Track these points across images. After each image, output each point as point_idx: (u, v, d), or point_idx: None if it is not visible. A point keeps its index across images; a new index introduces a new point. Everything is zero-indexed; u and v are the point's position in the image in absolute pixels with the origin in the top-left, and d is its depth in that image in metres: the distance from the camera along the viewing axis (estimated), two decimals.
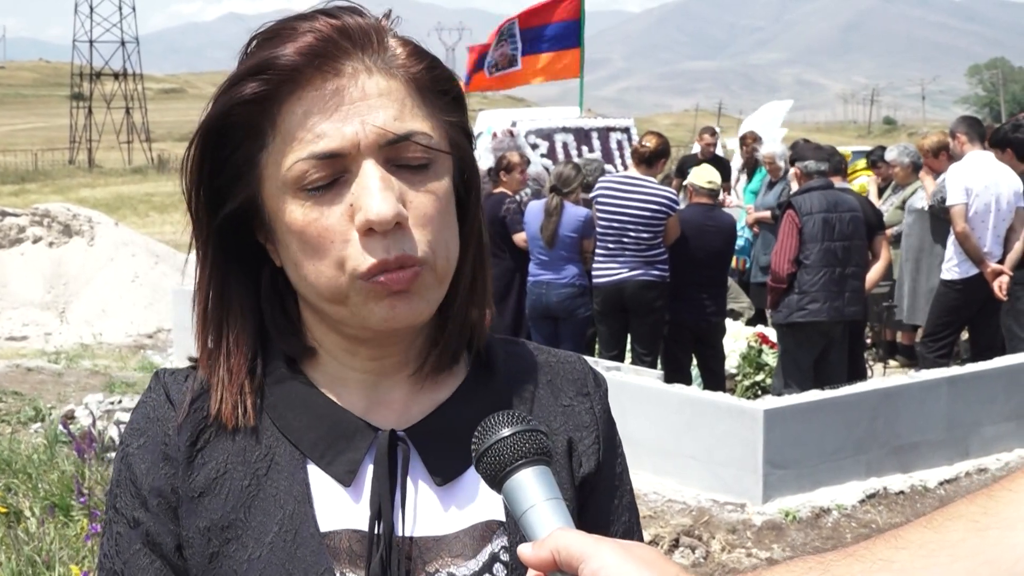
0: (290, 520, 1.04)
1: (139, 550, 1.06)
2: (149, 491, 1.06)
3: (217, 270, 1.09)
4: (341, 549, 1.04)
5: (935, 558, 0.76)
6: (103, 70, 62.04)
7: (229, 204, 1.06)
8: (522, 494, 0.92)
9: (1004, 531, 0.74)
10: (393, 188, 1.00)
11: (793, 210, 6.68)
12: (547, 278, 7.42)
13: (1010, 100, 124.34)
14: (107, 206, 23.57)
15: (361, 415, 1.08)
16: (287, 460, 1.06)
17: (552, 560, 0.86)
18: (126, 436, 1.10)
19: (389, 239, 0.99)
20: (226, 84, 1.03)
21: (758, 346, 7.99)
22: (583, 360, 1.24)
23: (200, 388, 1.09)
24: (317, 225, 1.00)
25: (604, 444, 1.19)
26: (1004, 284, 7.18)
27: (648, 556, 0.85)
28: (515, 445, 0.93)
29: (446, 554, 1.06)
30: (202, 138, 1.04)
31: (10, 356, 9.51)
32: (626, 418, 6.03)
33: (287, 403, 1.08)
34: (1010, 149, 7.56)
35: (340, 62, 1.01)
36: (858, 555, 0.79)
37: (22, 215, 13.12)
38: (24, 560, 4.14)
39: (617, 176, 7.78)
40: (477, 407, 1.09)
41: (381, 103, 1.01)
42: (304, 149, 1.00)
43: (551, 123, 10.57)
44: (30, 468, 5.23)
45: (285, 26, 1.03)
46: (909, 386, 6.12)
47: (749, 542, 5.23)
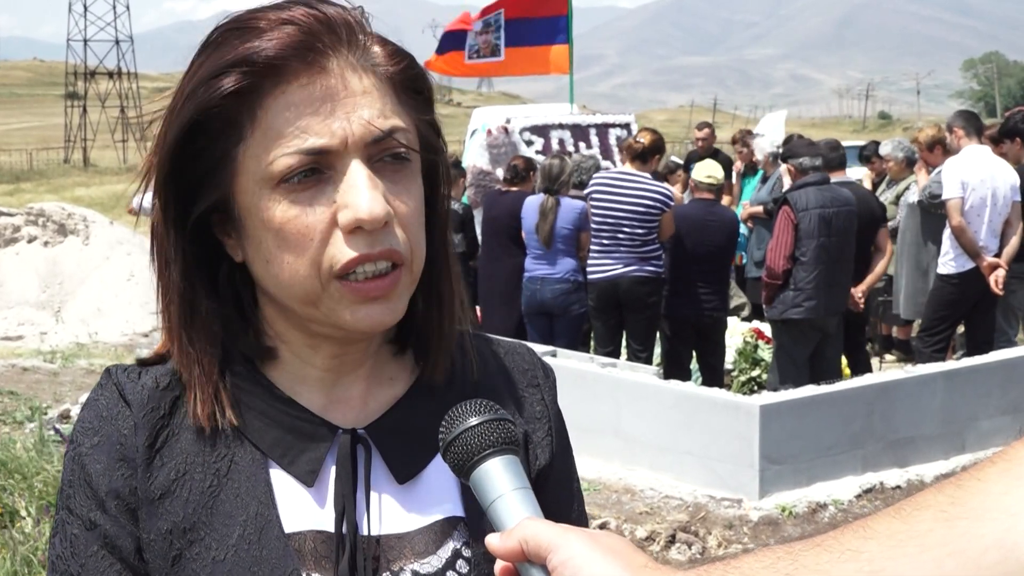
0: (254, 521, 1.03)
1: (96, 552, 1.03)
2: (107, 493, 1.03)
3: (184, 268, 1.06)
4: (306, 550, 1.03)
5: (903, 548, 0.75)
6: (97, 69, 61.95)
7: (202, 200, 1.03)
8: (490, 483, 0.92)
9: (972, 522, 0.74)
10: (379, 188, 0.99)
11: (789, 206, 6.67)
12: (542, 274, 7.42)
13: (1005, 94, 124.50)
14: (102, 205, 23.54)
15: (320, 413, 1.07)
16: (248, 461, 1.05)
17: (520, 550, 0.86)
18: (77, 434, 1.07)
19: (375, 236, 0.99)
20: (205, 75, 1.00)
21: (754, 342, 8.00)
22: (532, 351, 1.25)
23: (155, 386, 1.07)
24: (297, 222, 0.99)
25: (556, 436, 1.20)
26: (1000, 278, 7.18)
27: (616, 545, 0.85)
28: (483, 434, 0.93)
29: (409, 552, 1.06)
30: (178, 131, 1.01)
31: (6, 356, 9.49)
32: (622, 414, 6.04)
33: (246, 403, 1.07)
34: (1019, 139, 7.62)
35: (326, 57, 0.99)
36: (826, 545, 0.79)
37: (17, 214, 13.10)
38: (20, 560, 4.13)
39: (611, 172, 7.78)
40: (434, 401, 1.10)
41: (365, 101, 1.00)
42: (289, 144, 0.98)
43: (547, 119, 10.56)
44: (25, 468, 5.22)
45: (259, 15, 1.01)
46: (905, 381, 6.13)
47: (746, 537, 5.23)
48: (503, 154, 9.79)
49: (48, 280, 12.42)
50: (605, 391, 6.07)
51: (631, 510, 5.49)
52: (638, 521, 5.35)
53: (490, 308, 7.98)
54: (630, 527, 5.26)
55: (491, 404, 0.96)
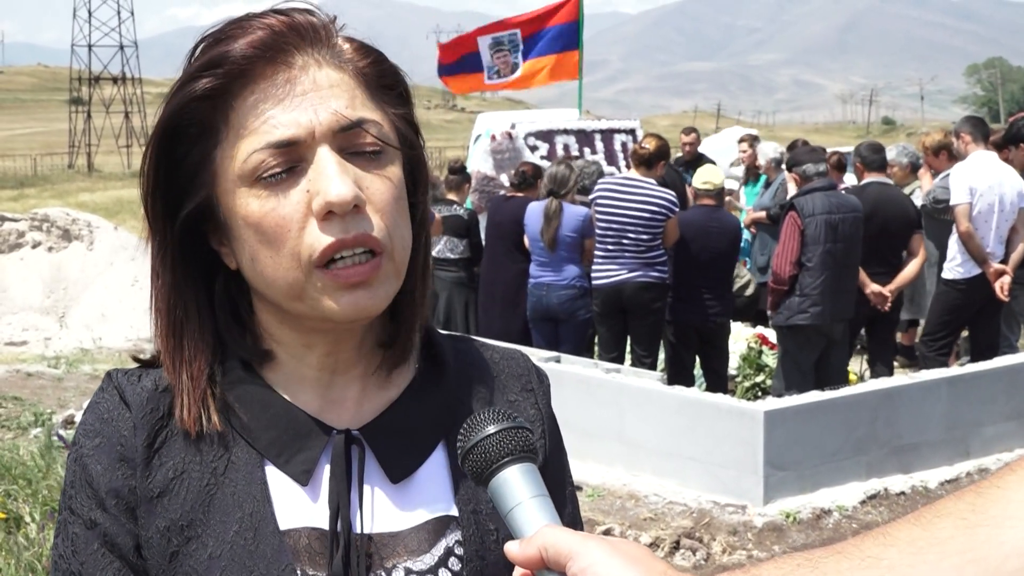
0: (250, 519, 1.05)
1: (97, 550, 1.06)
2: (107, 492, 1.06)
3: (175, 275, 1.09)
4: (300, 547, 1.05)
5: (923, 555, 0.76)
6: (102, 74, 62.03)
7: (187, 204, 1.06)
8: (508, 491, 0.92)
9: (992, 529, 0.74)
10: (349, 172, 1.01)
11: (795, 212, 6.66)
12: (548, 280, 7.42)
13: (1008, 99, 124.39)
14: (106, 210, 23.55)
15: (315, 414, 1.10)
16: (244, 460, 1.07)
17: (539, 557, 0.87)
18: (80, 437, 1.10)
19: (348, 220, 1.00)
20: (178, 83, 1.04)
21: (758, 347, 7.99)
22: (526, 356, 1.26)
23: (154, 388, 1.09)
24: (274, 215, 1.01)
25: (549, 439, 1.21)
26: (1006, 285, 7.17)
27: (635, 553, 0.85)
28: (501, 442, 0.94)
29: (402, 550, 1.08)
30: (158, 139, 1.05)
31: (10, 361, 9.50)
32: (626, 420, 6.04)
33: (243, 404, 1.09)
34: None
35: (291, 55, 1.03)
36: (847, 552, 0.79)
37: (21, 220, 13.12)
38: (24, 566, 4.13)
39: (616, 178, 7.78)
40: (427, 405, 1.13)
41: (333, 93, 1.03)
42: (259, 139, 1.01)
43: (551, 125, 10.56)
44: (30, 474, 5.22)
45: (236, 25, 1.05)
46: (909, 386, 6.12)
47: (750, 544, 5.22)
48: (507, 160, 9.79)
49: (52, 285, 12.43)
50: (609, 397, 6.06)
51: (635, 516, 5.48)
52: (642, 527, 5.34)
53: (491, 313, 7.97)
54: (634, 533, 5.25)
55: (509, 412, 0.97)
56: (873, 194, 7.20)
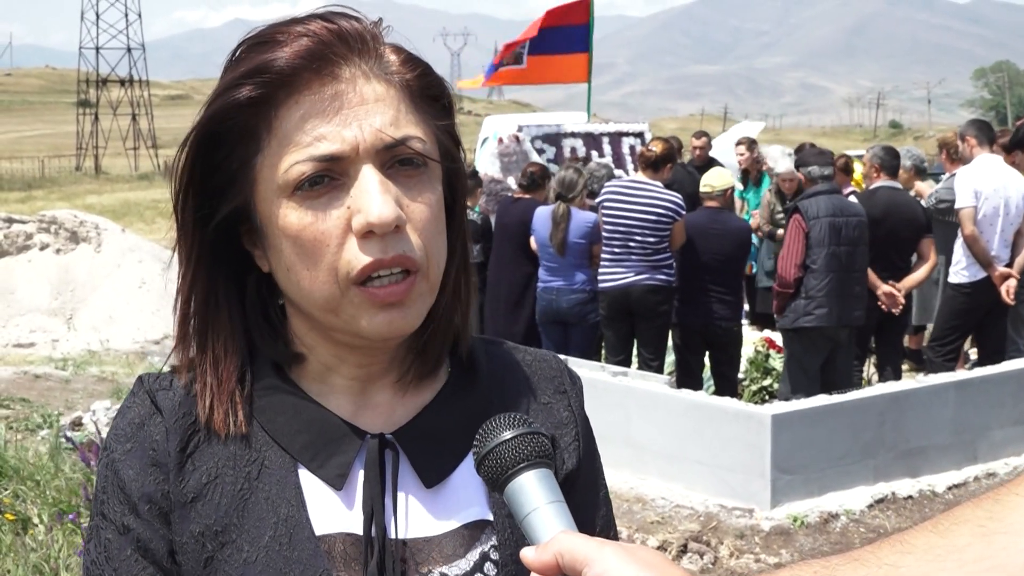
0: (284, 524, 1.04)
1: (130, 556, 1.05)
2: (139, 497, 1.06)
3: (205, 276, 1.08)
4: (336, 552, 1.05)
5: (941, 563, 0.76)
6: (109, 77, 62.14)
7: (222, 208, 1.06)
8: (524, 497, 0.92)
9: (1011, 536, 0.74)
10: (391, 192, 1.00)
11: (800, 214, 6.66)
12: (558, 284, 7.44)
13: (1016, 103, 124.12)
14: (114, 212, 23.59)
15: (348, 419, 1.09)
16: (278, 464, 1.07)
17: (555, 563, 0.86)
18: (111, 442, 1.09)
19: (387, 241, 1.00)
20: (221, 88, 1.03)
21: (765, 351, 7.98)
22: (559, 359, 1.26)
23: (186, 392, 1.09)
24: (312, 229, 1.01)
25: (583, 440, 1.20)
26: (1012, 288, 7.16)
27: (652, 559, 0.85)
28: (517, 448, 0.94)
29: (437, 555, 1.07)
30: (196, 142, 1.04)
31: (17, 363, 9.51)
32: (633, 423, 6.03)
33: (276, 408, 1.08)
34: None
35: (338, 66, 1.01)
36: (864, 559, 0.79)
37: (29, 222, 13.13)
38: (32, 568, 4.14)
39: (623, 181, 7.78)
40: (460, 408, 1.12)
41: (378, 108, 1.02)
42: (302, 152, 1.00)
43: (558, 128, 10.56)
44: (38, 475, 5.23)
45: (279, 30, 1.03)
46: (917, 390, 6.11)
47: (757, 547, 5.21)
48: (514, 162, 9.81)
49: (60, 287, 12.45)
50: (616, 400, 6.06)
51: (642, 519, 5.48)
52: (649, 531, 5.34)
53: (496, 314, 7.97)
54: (641, 536, 5.25)
55: (524, 417, 0.97)
56: (883, 198, 7.19)
